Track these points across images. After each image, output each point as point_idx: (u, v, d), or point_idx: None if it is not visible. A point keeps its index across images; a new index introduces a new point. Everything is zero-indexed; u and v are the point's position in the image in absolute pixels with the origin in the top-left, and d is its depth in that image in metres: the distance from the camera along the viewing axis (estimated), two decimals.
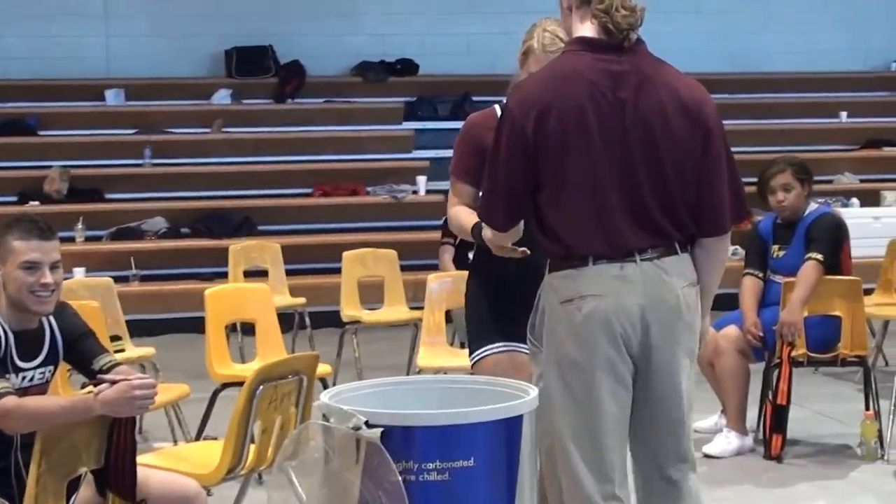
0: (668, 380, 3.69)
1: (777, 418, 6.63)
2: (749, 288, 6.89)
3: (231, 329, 7.94)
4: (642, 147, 3.64)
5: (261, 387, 4.64)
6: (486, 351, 4.42)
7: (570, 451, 3.61)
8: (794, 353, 6.61)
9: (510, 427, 3.12)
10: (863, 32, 15.34)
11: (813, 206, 6.97)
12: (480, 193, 3.90)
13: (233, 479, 4.84)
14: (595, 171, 3.62)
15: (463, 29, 14.49)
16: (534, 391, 3.26)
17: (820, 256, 6.64)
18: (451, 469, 3.03)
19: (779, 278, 6.81)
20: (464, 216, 4.29)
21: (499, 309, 4.42)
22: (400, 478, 2.96)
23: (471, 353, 4.51)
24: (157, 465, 4.64)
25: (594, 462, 3.61)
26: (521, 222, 3.80)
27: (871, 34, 15.38)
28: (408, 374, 8.99)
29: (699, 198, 3.71)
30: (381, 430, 3.00)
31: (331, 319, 10.17)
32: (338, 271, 10.98)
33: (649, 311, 3.66)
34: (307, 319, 9.43)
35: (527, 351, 4.10)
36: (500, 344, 4.40)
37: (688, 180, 3.69)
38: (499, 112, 4.31)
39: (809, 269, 6.62)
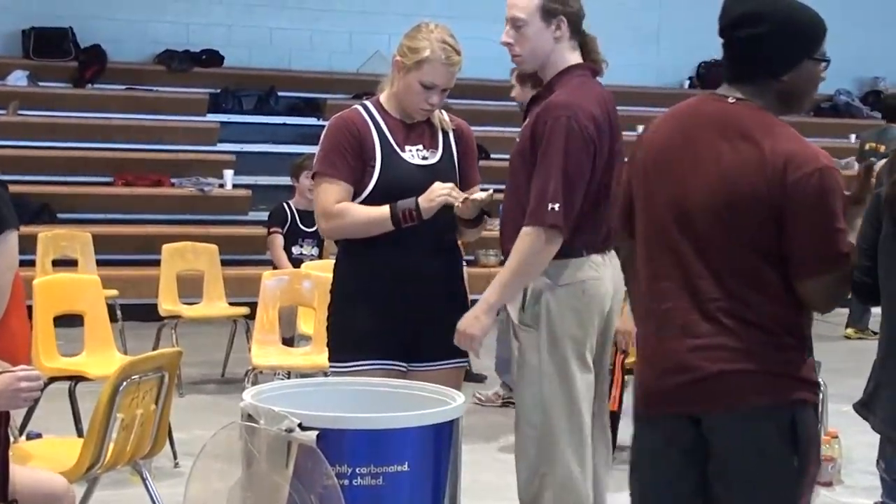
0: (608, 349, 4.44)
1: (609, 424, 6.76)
2: None
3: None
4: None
5: (124, 382, 4.51)
6: (361, 365, 4.14)
7: (557, 424, 4.14)
8: (626, 361, 6.76)
9: (444, 432, 3.10)
10: (653, 49, 15.80)
11: None
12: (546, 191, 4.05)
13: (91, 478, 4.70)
14: (604, 175, 4.20)
15: (266, 22, 14.37)
16: (459, 397, 3.25)
17: None
18: (385, 474, 2.99)
19: None
20: (365, 210, 4.19)
21: (383, 316, 4.20)
22: (336, 481, 2.91)
23: (338, 360, 4.24)
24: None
25: (577, 428, 4.18)
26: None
27: (662, 52, 15.86)
28: (224, 372, 8.87)
29: None
30: (316, 432, 2.95)
31: (138, 312, 9.95)
32: (145, 263, 10.78)
33: (616, 293, 4.28)
34: (118, 312, 9.17)
35: (402, 368, 4.17)
36: (378, 362, 4.16)
37: None
38: (363, 112, 4.29)
39: None
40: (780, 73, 3.10)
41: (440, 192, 4.09)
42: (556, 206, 3.99)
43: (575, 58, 4.22)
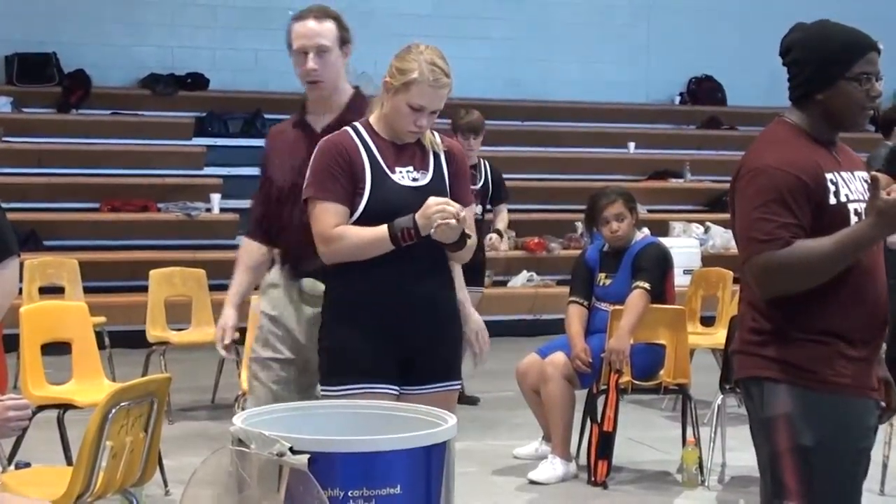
0: None
1: (603, 445, 6.71)
2: (575, 315, 6.97)
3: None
4: None
5: (113, 409, 4.44)
6: (353, 389, 4.09)
7: None
8: (620, 381, 6.70)
9: (435, 454, 3.04)
10: (643, 66, 15.78)
11: (639, 235, 7.12)
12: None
13: None
14: None
15: (251, 44, 14.32)
16: (452, 419, 3.19)
17: (647, 285, 6.78)
18: (377, 497, 2.94)
19: (605, 306, 6.92)
20: (363, 231, 4.12)
21: (375, 339, 4.14)
22: None
23: (330, 383, 4.19)
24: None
25: None
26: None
27: (652, 68, 15.85)
28: (213, 397, 8.80)
29: None
30: (308, 456, 2.89)
31: (126, 339, 9.86)
32: (133, 289, 10.70)
33: None
34: (106, 339, 9.08)
35: (393, 392, 4.12)
36: (370, 385, 4.11)
37: None
38: (352, 134, 4.24)
39: (637, 297, 6.75)
40: (814, 94, 3.44)
41: (435, 207, 4.02)
42: None
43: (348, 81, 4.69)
